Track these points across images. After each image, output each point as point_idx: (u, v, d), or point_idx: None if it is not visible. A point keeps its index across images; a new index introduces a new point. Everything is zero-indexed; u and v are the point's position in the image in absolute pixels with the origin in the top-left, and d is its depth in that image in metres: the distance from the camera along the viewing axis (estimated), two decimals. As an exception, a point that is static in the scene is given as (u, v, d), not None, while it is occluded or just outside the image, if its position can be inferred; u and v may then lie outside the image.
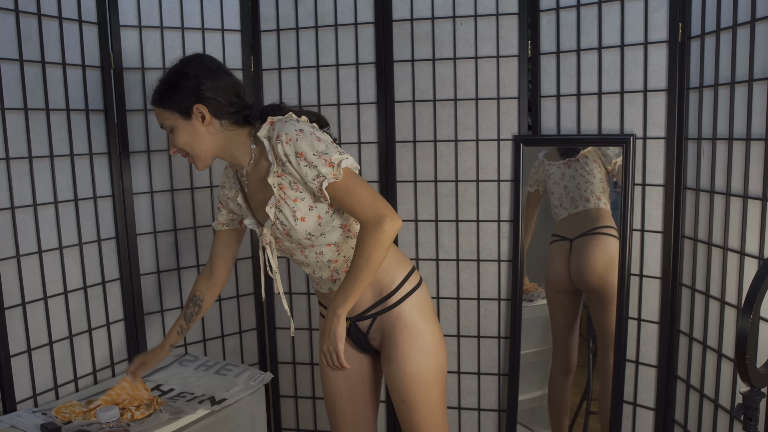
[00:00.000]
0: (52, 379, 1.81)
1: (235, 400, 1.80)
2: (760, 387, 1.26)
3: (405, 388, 1.48)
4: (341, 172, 1.35)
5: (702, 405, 1.75)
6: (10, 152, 1.68)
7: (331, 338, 1.39)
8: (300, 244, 1.47)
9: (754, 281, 1.22)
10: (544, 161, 2.07)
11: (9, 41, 1.67)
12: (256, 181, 1.49)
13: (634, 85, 1.86)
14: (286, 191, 1.41)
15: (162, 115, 1.45)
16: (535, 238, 2.09)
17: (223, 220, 1.66)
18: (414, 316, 1.50)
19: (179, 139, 1.44)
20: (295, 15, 2.14)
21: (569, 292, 2.10)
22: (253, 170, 1.49)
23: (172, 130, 1.45)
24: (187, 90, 1.41)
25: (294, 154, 1.36)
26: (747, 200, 1.55)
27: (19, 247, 1.71)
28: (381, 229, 1.34)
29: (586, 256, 2.03)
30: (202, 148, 1.45)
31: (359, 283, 1.37)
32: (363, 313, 1.53)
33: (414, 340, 1.48)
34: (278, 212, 1.42)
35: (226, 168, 1.62)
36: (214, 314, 2.23)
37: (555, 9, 1.95)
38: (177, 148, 1.47)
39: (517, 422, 2.11)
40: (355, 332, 1.56)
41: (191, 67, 1.43)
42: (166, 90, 1.43)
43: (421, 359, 1.47)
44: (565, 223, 2.08)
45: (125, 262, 2.00)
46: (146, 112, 2.04)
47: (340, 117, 2.16)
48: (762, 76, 1.47)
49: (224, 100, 1.43)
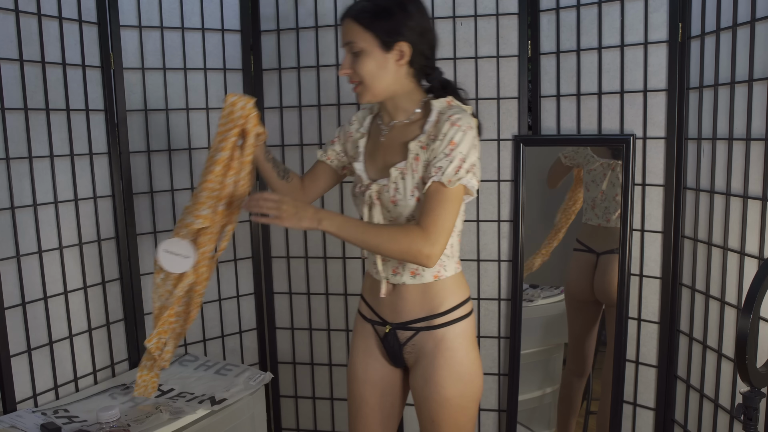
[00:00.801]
0: (52, 379, 1.80)
1: (235, 400, 1.80)
2: (760, 387, 1.26)
3: (437, 410, 1.44)
4: (456, 184, 1.33)
5: (702, 405, 1.75)
6: (10, 152, 1.68)
7: (298, 211, 1.31)
8: (395, 218, 1.44)
9: (754, 281, 1.22)
10: (589, 150, 1.99)
11: (9, 41, 1.67)
12: (395, 138, 1.45)
13: (634, 85, 1.86)
14: (419, 165, 1.39)
15: (356, 33, 1.36)
16: (534, 238, 2.09)
17: (331, 155, 1.61)
18: (458, 342, 1.45)
19: (364, 66, 1.36)
20: (295, 15, 2.14)
21: (590, 301, 2.08)
22: (401, 128, 1.46)
23: (359, 53, 1.36)
24: (399, 23, 1.34)
25: (450, 139, 1.34)
26: (747, 200, 1.55)
27: (19, 247, 1.71)
28: (418, 245, 1.31)
29: (611, 275, 1.95)
30: (381, 85, 1.39)
31: (359, 238, 1.33)
32: (407, 323, 1.49)
33: (454, 365, 1.44)
34: (400, 179, 1.40)
35: (362, 110, 1.59)
36: (214, 314, 2.23)
37: (555, 9, 1.95)
38: (352, 71, 1.39)
39: (517, 422, 2.11)
40: (391, 340, 1.51)
41: (412, 3, 1.37)
42: (377, 13, 1.34)
43: (457, 385, 1.44)
44: (593, 232, 2.00)
45: (125, 262, 2.00)
46: (146, 112, 2.04)
47: (340, 117, 2.16)
48: (762, 76, 1.47)
49: (426, 50, 1.40)
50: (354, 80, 1.41)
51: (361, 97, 1.42)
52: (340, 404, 2.31)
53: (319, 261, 2.24)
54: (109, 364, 1.98)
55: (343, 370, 2.28)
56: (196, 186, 1.57)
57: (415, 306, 1.48)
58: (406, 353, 1.52)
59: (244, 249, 2.27)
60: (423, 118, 1.43)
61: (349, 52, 1.39)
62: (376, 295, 1.53)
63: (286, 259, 2.27)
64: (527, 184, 2.02)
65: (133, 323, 2.04)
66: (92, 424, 1.61)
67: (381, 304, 1.53)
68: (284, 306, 2.30)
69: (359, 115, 1.58)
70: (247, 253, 2.27)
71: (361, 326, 1.60)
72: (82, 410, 1.72)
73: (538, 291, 2.20)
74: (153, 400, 1.78)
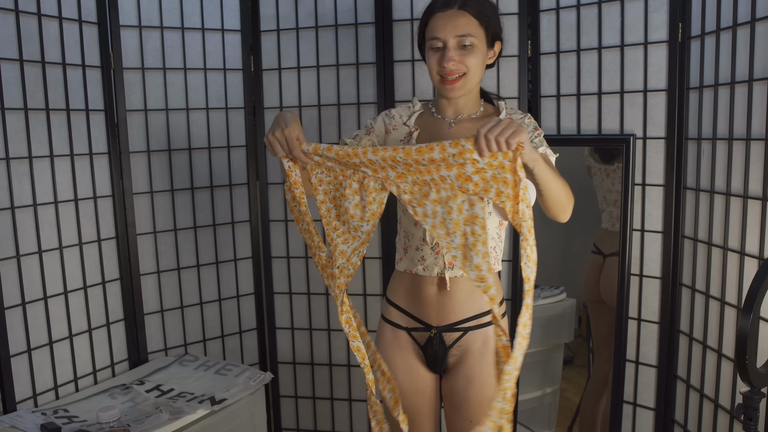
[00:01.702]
0: (52, 379, 1.80)
1: (235, 400, 1.80)
2: (760, 387, 1.26)
3: (479, 410, 1.40)
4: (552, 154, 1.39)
5: (702, 405, 1.75)
6: (10, 152, 1.68)
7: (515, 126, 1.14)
8: None
9: (754, 281, 1.22)
10: (590, 156, 2.01)
11: (9, 41, 1.67)
12: (466, 131, 1.44)
13: (634, 85, 1.86)
14: None
15: (473, 27, 1.35)
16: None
17: (366, 145, 1.46)
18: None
19: (472, 59, 1.36)
20: (295, 15, 2.14)
21: (603, 302, 2.08)
22: (470, 121, 1.45)
23: (470, 46, 1.35)
24: (499, 24, 1.41)
25: (534, 126, 1.41)
26: (747, 200, 1.55)
27: (19, 247, 1.71)
28: (572, 199, 1.34)
29: (615, 276, 1.94)
30: (477, 80, 1.40)
31: (552, 173, 1.25)
32: (455, 324, 1.44)
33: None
34: None
35: (401, 107, 1.53)
36: (214, 314, 2.23)
37: (555, 9, 1.95)
38: (459, 62, 1.35)
39: (517, 422, 2.11)
40: (435, 346, 1.46)
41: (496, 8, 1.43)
42: (491, 11, 1.39)
43: None
44: (602, 235, 2.01)
45: (125, 262, 2.00)
46: (146, 112, 2.04)
47: (340, 117, 2.16)
48: (762, 76, 1.47)
49: (500, 52, 1.45)
50: (457, 72, 1.36)
51: (457, 91, 1.38)
52: (340, 404, 2.31)
53: (319, 261, 2.24)
54: (109, 364, 1.98)
55: (343, 370, 2.28)
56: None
57: (465, 304, 1.43)
58: (450, 356, 1.46)
59: (244, 249, 2.27)
60: (495, 113, 1.46)
61: (457, 45, 1.35)
62: (419, 297, 1.46)
63: (286, 259, 2.27)
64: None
65: (133, 323, 2.04)
66: (92, 424, 1.61)
67: (425, 308, 1.46)
68: (284, 306, 2.30)
69: (398, 111, 1.52)
70: (247, 253, 2.27)
71: (393, 336, 1.51)
72: (82, 410, 1.72)
73: (538, 291, 2.20)
74: (153, 399, 1.78)
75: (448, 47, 1.35)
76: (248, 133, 2.22)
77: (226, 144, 2.20)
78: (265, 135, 1.30)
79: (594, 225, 2.05)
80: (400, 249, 1.51)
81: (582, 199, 2.09)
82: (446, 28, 1.35)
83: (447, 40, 1.35)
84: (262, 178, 2.24)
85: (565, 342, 2.24)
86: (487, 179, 1.18)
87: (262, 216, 2.26)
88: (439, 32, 1.36)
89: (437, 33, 1.36)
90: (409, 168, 1.23)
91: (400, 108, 1.53)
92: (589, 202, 2.05)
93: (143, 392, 1.83)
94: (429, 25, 1.39)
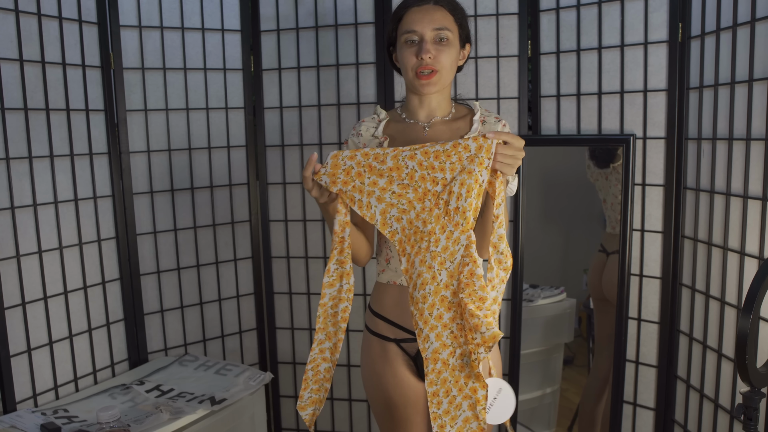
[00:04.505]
0: (52, 379, 1.81)
1: (235, 400, 1.80)
2: (760, 387, 1.26)
3: None
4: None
5: (702, 405, 1.75)
6: (10, 152, 1.68)
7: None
8: None
9: (754, 281, 1.22)
10: (589, 161, 2.02)
11: (9, 41, 1.67)
12: (441, 133, 1.43)
13: (634, 85, 1.86)
14: None
15: (449, 23, 1.36)
16: (533, 237, 2.09)
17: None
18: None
19: (446, 56, 1.36)
20: (295, 15, 2.14)
21: (607, 300, 2.07)
22: (443, 124, 1.44)
23: (444, 40, 1.35)
24: (468, 26, 1.42)
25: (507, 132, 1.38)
26: (747, 200, 1.55)
27: (19, 247, 1.71)
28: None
29: (615, 274, 1.96)
30: (449, 79, 1.40)
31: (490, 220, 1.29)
32: None
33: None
34: None
35: (361, 123, 1.50)
36: (214, 314, 2.23)
37: (555, 9, 1.95)
38: (434, 57, 1.35)
39: (517, 422, 2.11)
40: None
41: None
42: (461, 9, 1.40)
43: None
44: (607, 236, 2.03)
45: (125, 262, 2.00)
46: (146, 112, 2.04)
47: (340, 117, 2.16)
48: (762, 76, 1.47)
49: (468, 56, 1.45)
50: (431, 67, 1.35)
51: (431, 87, 1.37)
52: (340, 404, 2.31)
53: (319, 261, 2.24)
54: (109, 364, 1.98)
55: (343, 370, 2.28)
56: None
57: None
58: None
59: (244, 249, 2.27)
60: (468, 115, 1.45)
61: (434, 39, 1.35)
62: (407, 308, 1.42)
63: (286, 259, 2.27)
64: (527, 184, 2.02)
65: (133, 323, 2.04)
66: (92, 424, 1.61)
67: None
68: (284, 306, 2.30)
69: (365, 125, 1.49)
70: (247, 253, 2.27)
71: (381, 349, 1.47)
72: (82, 410, 1.72)
73: (538, 291, 2.20)
74: (153, 399, 1.78)
75: (426, 40, 1.35)
76: (248, 133, 2.22)
77: (226, 144, 2.20)
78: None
79: (594, 225, 2.05)
80: (382, 261, 1.48)
81: (582, 199, 2.10)
82: (423, 21, 1.35)
83: (424, 33, 1.35)
84: (262, 178, 2.24)
85: (565, 342, 2.24)
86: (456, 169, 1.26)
87: (262, 216, 2.26)
88: (416, 25, 1.35)
89: (414, 26, 1.36)
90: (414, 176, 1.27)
91: (367, 121, 1.50)
92: (589, 202, 2.05)
93: (143, 392, 1.83)
94: (404, 19, 1.38)
